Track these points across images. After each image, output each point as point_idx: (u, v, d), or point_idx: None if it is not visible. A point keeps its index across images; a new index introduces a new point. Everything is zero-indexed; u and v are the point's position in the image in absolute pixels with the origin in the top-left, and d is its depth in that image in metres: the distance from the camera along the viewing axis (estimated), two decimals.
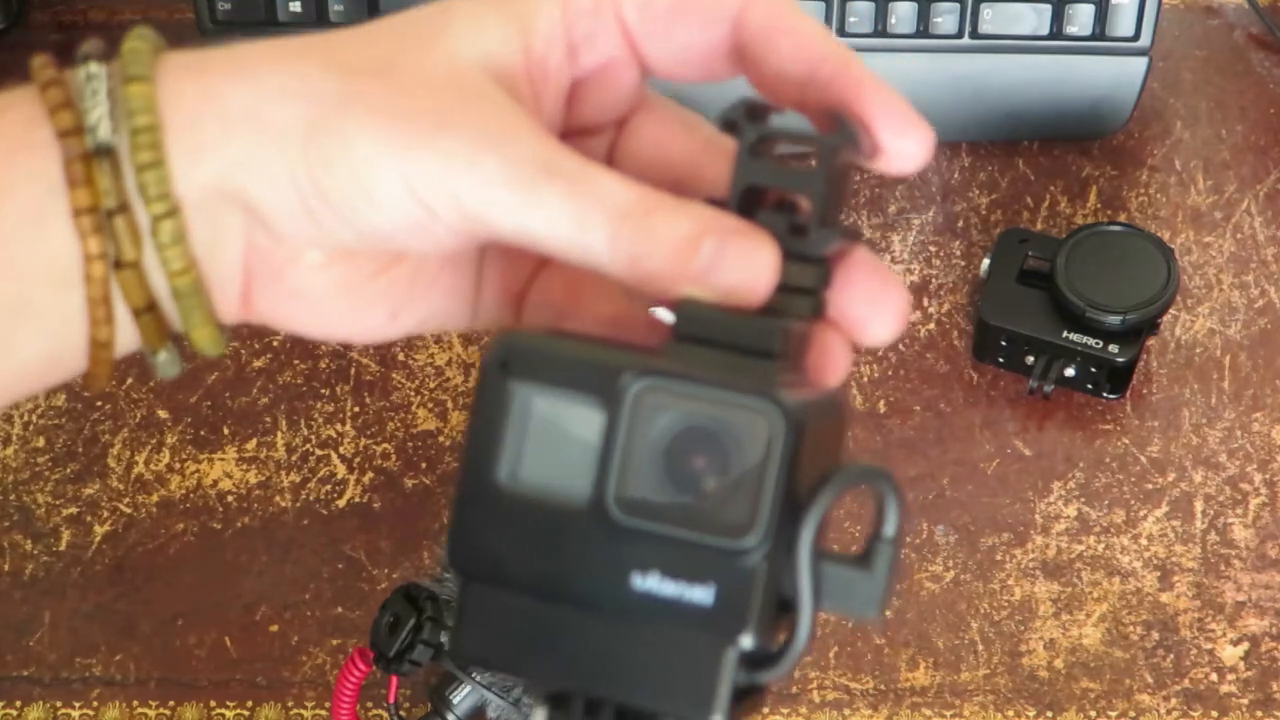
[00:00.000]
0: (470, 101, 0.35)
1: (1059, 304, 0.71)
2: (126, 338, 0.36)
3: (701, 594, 0.32)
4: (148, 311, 0.36)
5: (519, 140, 0.35)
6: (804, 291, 0.35)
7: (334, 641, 0.67)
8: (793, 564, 0.32)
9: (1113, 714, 0.65)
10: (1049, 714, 0.65)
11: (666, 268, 0.34)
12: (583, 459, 0.33)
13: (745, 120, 0.36)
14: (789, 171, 0.35)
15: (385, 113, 0.35)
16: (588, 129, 0.40)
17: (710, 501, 0.32)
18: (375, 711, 0.65)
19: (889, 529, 0.33)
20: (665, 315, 0.35)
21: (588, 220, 0.34)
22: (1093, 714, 0.65)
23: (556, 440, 0.33)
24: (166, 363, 0.37)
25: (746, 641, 0.32)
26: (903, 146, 0.36)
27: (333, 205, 0.35)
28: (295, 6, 0.77)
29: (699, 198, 0.36)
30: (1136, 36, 0.78)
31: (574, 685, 0.33)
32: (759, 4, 0.37)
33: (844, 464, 0.33)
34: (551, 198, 0.34)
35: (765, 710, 0.65)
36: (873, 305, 0.36)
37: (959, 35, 0.78)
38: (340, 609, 0.68)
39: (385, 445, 0.72)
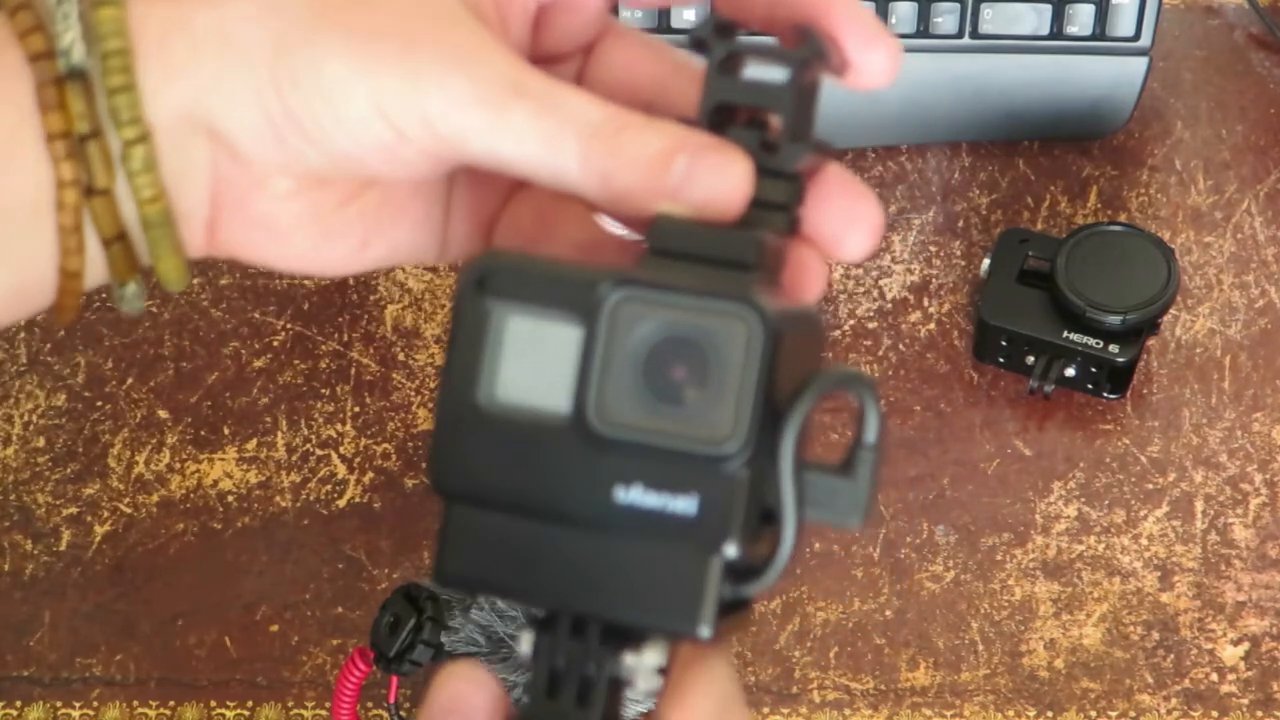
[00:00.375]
0: (438, 22, 0.35)
1: (1059, 304, 0.71)
2: (94, 270, 0.36)
3: (685, 504, 0.32)
4: (118, 241, 0.35)
5: (488, 60, 0.35)
6: (777, 207, 0.35)
7: (334, 641, 0.67)
8: (774, 472, 0.32)
9: (1113, 714, 0.65)
10: (1049, 714, 0.65)
11: (639, 184, 0.34)
12: (562, 374, 0.32)
13: (714, 37, 0.35)
14: (758, 87, 0.35)
15: (354, 32, 0.35)
16: (555, 56, 0.40)
17: (691, 410, 0.32)
18: (375, 712, 0.65)
19: (870, 435, 0.33)
20: (622, 230, 0.35)
21: (558, 139, 0.34)
22: (1093, 714, 0.65)
23: (535, 356, 0.33)
24: (133, 295, 0.37)
25: (730, 550, 0.32)
26: (871, 60, 0.35)
27: (301, 127, 0.35)
28: None
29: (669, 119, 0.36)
30: (1137, 36, 0.78)
31: (559, 604, 0.33)
32: None
33: (822, 370, 0.33)
34: (521, 117, 0.34)
35: (765, 710, 0.65)
36: (846, 221, 0.36)
37: (959, 35, 0.78)
38: (340, 609, 0.68)
39: (385, 445, 0.72)
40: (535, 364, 0.33)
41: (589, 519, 0.32)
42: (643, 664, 0.33)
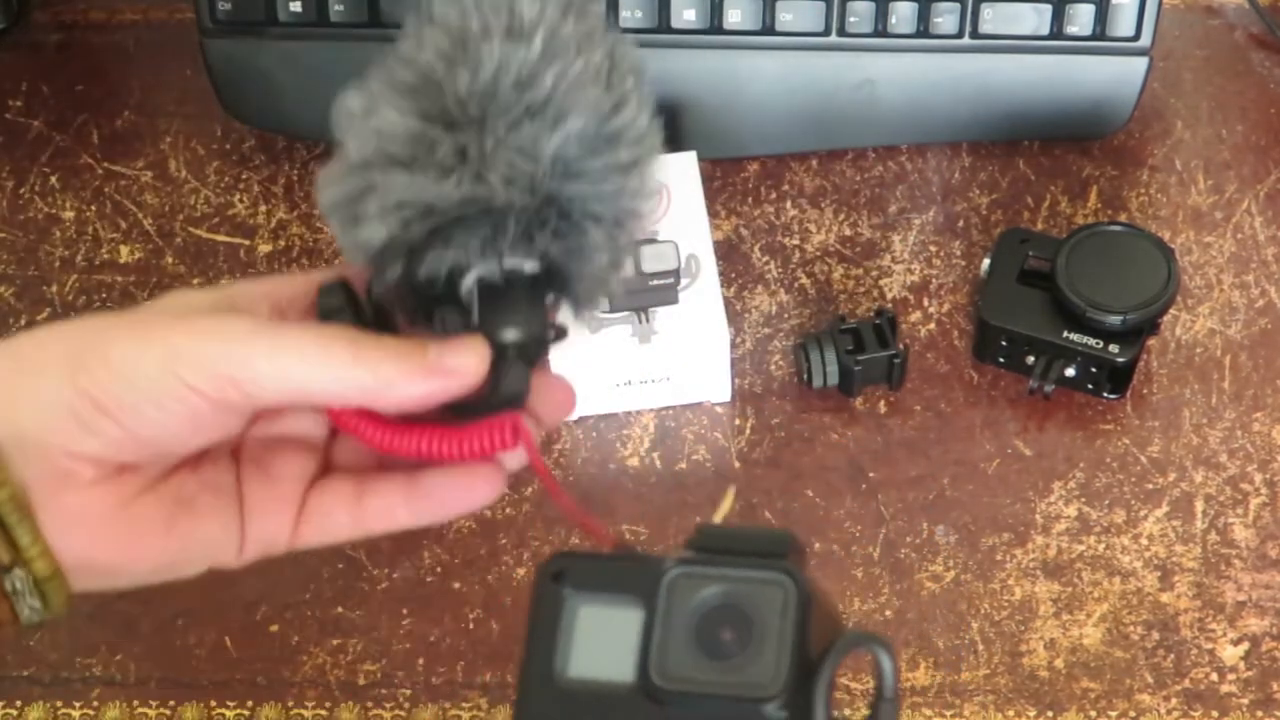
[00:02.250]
0: (198, 313, 0.44)
1: (1059, 304, 0.71)
2: None
3: None
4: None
5: (248, 315, 0.45)
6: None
7: (334, 641, 0.67)
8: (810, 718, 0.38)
9: (1113, 714, 0.65)
10: (1049, 714, 0.65)
11: (402, 368, 0.42)
12: (627, 650, 0.38)
13: None
14: None
15: (133, 324, 0.43)
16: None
17: (738, 663, 0.38)
18: (375, 712, 0.65)
19: (888, 691, 0.38)
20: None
21: (330, 346, 0.42)
22: (1093, 714, 0.65)
23: (603, 638, 0.39)
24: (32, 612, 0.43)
25: None
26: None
27: (103, 406, 0.41)
28: (295, 7, 0.76)
29: None
30: (1137, 36, 0.78)
31: None
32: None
33: (845, 632, 0.39)
34: (295, 334, 0.42)
35: None
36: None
37: (959, 35, 0.78)
38: (340, 609, 0.68)
39: None
40: (604, 644, 0.39)
41: None
42: None
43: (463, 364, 0.43)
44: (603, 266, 0.44)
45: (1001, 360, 0.73)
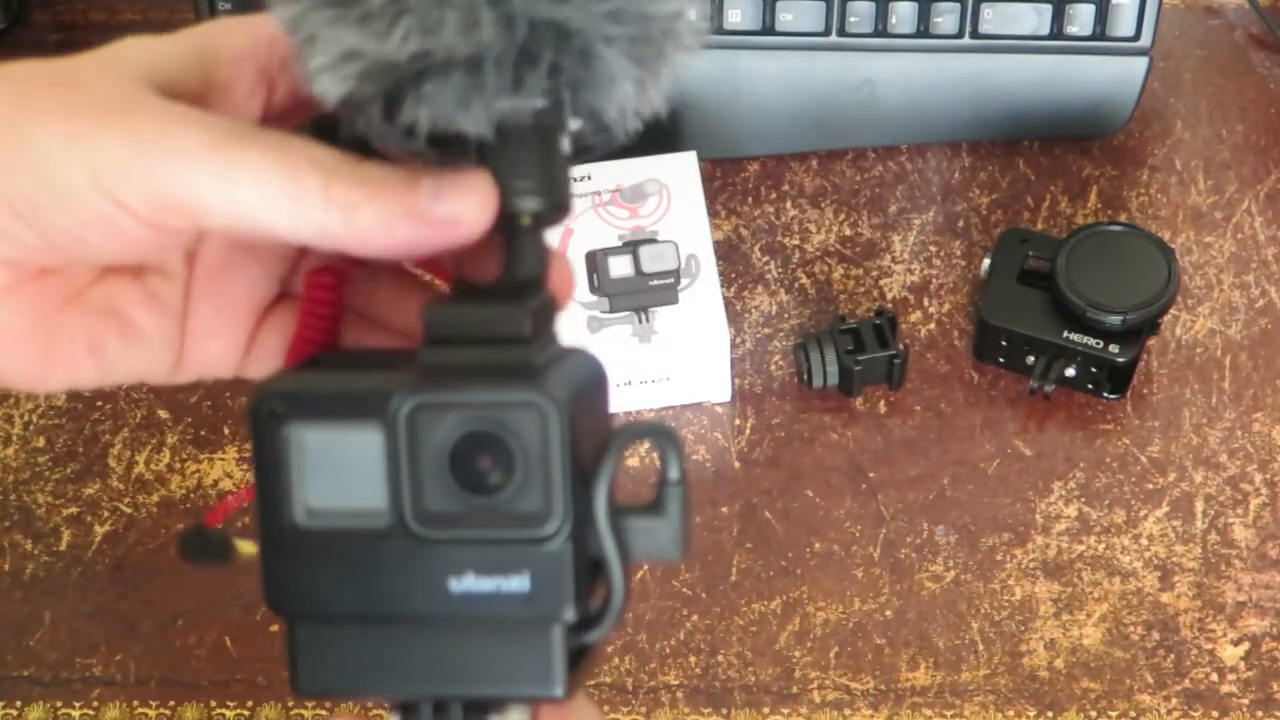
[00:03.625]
0: (149, 100, 0.35)
1: (1059, 304, 0.71)
2: None
3: (518, 583, 0.34)
4: None
5: (207, 118, 0.34)
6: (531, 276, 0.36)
7: None
8: (595, 530, 0.34)
9: (1113, 714, 0.65)
10: (1049, 714, 0.65)
11: (385, 212, 0.34)
12: (372, 483, 0.34)
13: None
14: None
15: (64, 107, 0.34)
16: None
17: (504, 497, 0.33)
18: (376, 712, 0.65)
19: (673, 473, 0.35)
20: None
21: (299, 176, 0.34)
22: (1093, 714, 0.65)
23: (342, 471, 0.34)
24: None
25: (568, 616, 0.34)
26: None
27: (17, 210, 0.34)
28: None
29: None
30: (1137, 36, 0.78)
31: (417, 692, 0.35)
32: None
33: (619, 427, 0.35)
34: (255, 157, 0.34)
35: (765, 710, 0.65)
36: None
37: (959, 35, 0.78)
38: None
39: None
40: (343, 478, 0.34)
41: (430, 613, 0.34)
42: None
43: (462, 211, 0.34)
44: (628, 95, 0.35)
45: (1001, 360, 0.73)
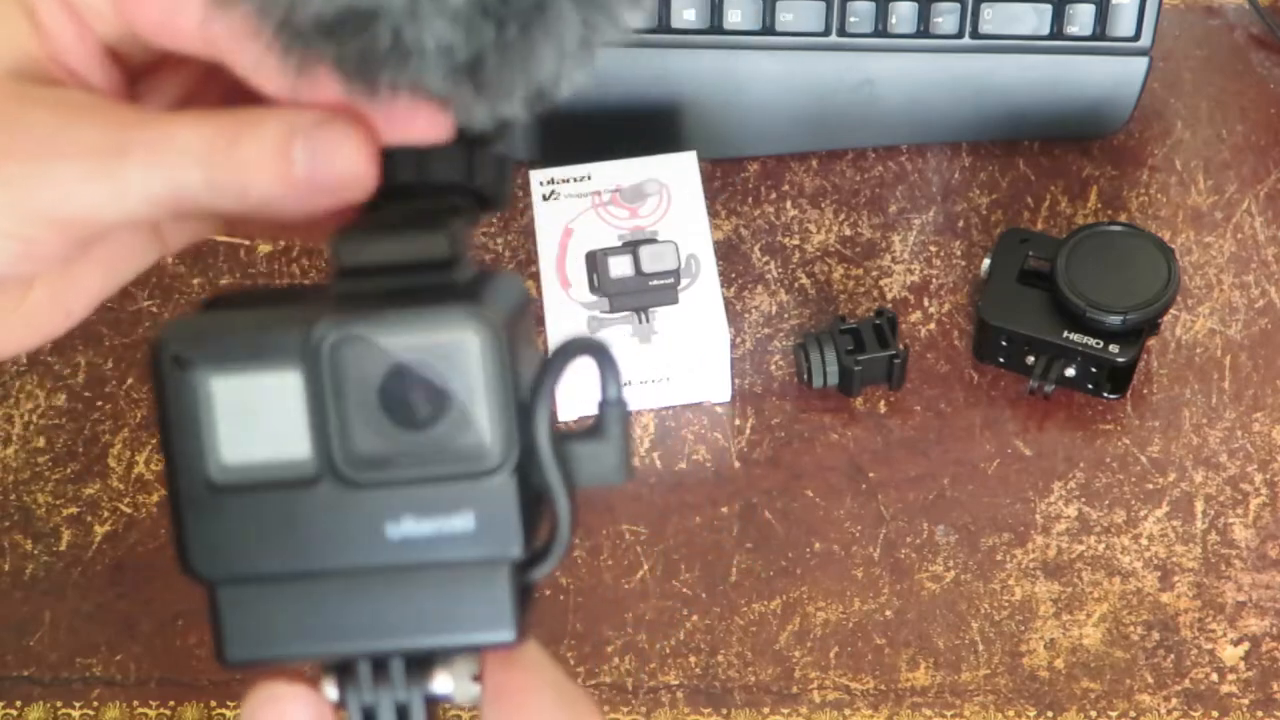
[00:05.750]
0: (11, 117, 0.34)
1: (1059, 304, 0.71)
2: None
3: (461, 522, 0.31)
4: None
5: (79, 135, 0.33)
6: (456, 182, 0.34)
7: None
8: (537, 461, 0.31)
9: (1113, 714, 0.65)
10: (1049, 714, 0.65)
11: (275, 188, 0.33)
12: (294, 428, 0.31)
13: None
14: None
15: None
16: (157, 68, 0.38)
17: (441, 431, 0.31)
18: None
19: (612, 392, 0.33)
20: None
21: (182, 179, 0.33)
22: (1093, 714, 0.65)
23: (259, 418, 0.31)
24: None
25: (517, 553, 0.32)
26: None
27: None
28: None
29: None
30: (1137, 36, 0.78)
31: (355, 650, 0.32)
32: None
33: (558, 347, 0.32)
34: (138, 173, 0.33)
35: (765, 710, 0.65)
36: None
37: (959, 35, 0.78)
38: None
39: None
40: (261, 424, 0.31)
41: (366, 564, 0.31)
42: (456, 679, 0.33)
43: (341, 168, 0.33)
44: (574, 42, 0.32)
45: (1001, 360, 0.73)
